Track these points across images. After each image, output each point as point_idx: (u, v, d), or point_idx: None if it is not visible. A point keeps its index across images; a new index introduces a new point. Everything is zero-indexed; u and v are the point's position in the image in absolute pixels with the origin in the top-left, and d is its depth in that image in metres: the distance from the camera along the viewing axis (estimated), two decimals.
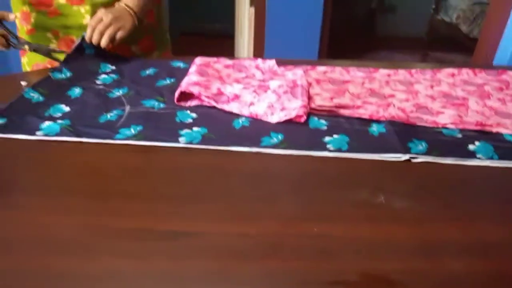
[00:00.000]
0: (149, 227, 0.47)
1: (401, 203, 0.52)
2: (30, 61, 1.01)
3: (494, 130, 0.69)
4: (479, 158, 0.61)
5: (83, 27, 0.95)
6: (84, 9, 0.94)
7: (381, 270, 0.43)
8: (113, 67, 0.90)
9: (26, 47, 0.89)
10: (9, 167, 0.58)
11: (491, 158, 0.61)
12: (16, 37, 0.89)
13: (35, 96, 0.74)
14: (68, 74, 0.84)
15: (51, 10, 0.93)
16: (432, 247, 0.46)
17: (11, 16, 0.86)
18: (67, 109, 0.71)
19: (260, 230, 0.47)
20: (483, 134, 0.68)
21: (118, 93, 0.78)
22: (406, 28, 4.09)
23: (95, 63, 0.89)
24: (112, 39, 0.87)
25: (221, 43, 3.30)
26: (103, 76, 0.85)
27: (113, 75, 0.86)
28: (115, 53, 0.93)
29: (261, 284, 0.41)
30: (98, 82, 0.83)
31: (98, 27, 0.86)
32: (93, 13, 0.94)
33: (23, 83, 0.81)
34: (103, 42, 0.86)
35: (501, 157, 0.62)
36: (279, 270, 0.43)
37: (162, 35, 1.12)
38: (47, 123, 0.66)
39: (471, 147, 0.64)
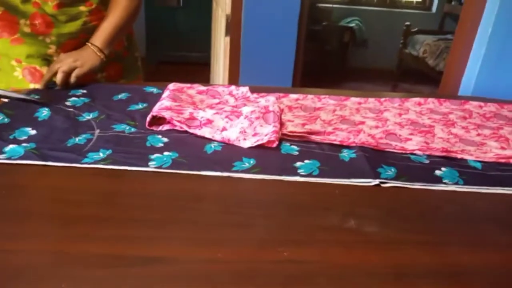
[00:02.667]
0: (118, 253, 0.45)
1: (372, 227, 0.53)
2: None
3: (459, 156, 0.71)
4: (445, 183, 0.63)
5: (47, 56, 0.94)
6: (50, 39, 0.94)
7: None
8: (84, 91, 0.89)
9: None
10: None
11: (457, 183, 0.63)
12: None
13: (0, 117, 0.72)
14: (36, 97, 0.82)
15: (14, 38, 0.92)
16: (402, 271, 0.45)
17: None
18: (33, 132, 0.69)
19: (231, 256, 0.46)
20: (449, 160, 0.70)
21: (88, 116, 0.77)
22: (376, 61, 4.27)
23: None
24: (67, 76, 0.88)
25: (198, 71, 3.35)
26: (73, 98, 0.84)
27: (84, 98, 0.85)
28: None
29: None
30: (67, 104, 0.81)
31: (53, 67, 0.88)
32: (58, 43, 0.94)
33: None
34: (58, 78, 0.87)
35: (466, 182, 0.63)
36: None
37: (132, 63, 1.12)
38: (10, 146, 0.63)
39: (437, 172, 0.66)
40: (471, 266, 0.47)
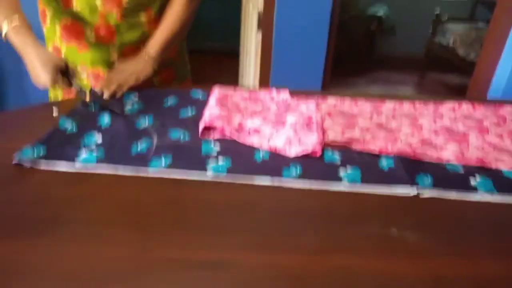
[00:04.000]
0: (187, 257, 0.52)
1: (410, 236, 0.58)
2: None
3: (494, 166, 0.75)
4: (480, 193, 0.67)
5: (110, 63, 1.02)
6: (113, 47, 1.01)
7: None
8: (136, 98, 0.96)
9: (87, 93, 0.89)
10: (53, 200, 0.63)
11: (491, 192, 0.67)
12: (80, 88, 0.90)
13: (69, 126, 0.80)
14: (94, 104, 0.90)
15: (80, 46, 1.00)
16: (439, 281, 0.51)
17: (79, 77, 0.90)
18: (99, 140, 0.76)
19: (286, 262, 0.53)
20: (483, 170, 0.73)
21: (144, 123, 0.83)
22: (404, 49, 4.20)
23: None
24: (120, 87, 0.94)
25: (226, 62, 3.39)
26: (128, 107, 0.91)
27: (137, 105, 0.92)
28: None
29: None
30: (124, 109, 0.89)
31: (111, 78, 0.94)
32: (120, 50, 1.01)
33: (55, 112, 0.87)
34: (112, 88, 0.93)
35: (500, 192, 0.67)
36: None
37: (183, 67, 1.18)
38: (84, 156, 0.71)
39: (472, 182, 0.70)
40: (503, 277, 0.52)
